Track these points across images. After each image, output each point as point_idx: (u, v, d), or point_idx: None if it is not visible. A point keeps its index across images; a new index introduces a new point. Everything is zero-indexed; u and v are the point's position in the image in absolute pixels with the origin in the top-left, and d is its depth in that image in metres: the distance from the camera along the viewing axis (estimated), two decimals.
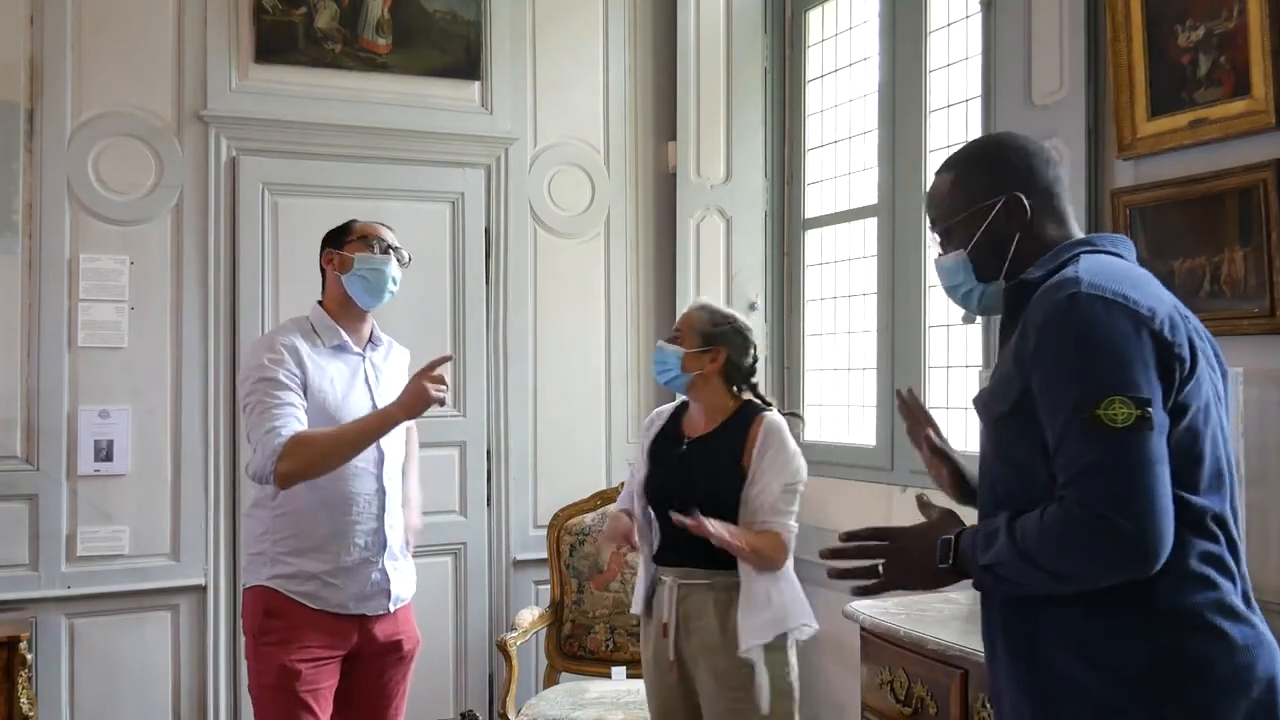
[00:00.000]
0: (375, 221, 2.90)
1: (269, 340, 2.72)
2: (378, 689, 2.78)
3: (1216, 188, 2.61)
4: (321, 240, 2.88)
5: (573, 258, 4.48)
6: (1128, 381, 1.51)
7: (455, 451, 4.30)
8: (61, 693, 3.70)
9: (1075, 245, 1.71)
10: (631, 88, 4.55)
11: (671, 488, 2.83)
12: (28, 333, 3.71)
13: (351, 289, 2.78)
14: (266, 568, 2.66)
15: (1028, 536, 1.55)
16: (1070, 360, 1.55)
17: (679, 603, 2.79)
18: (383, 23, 4.15)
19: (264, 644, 2.64)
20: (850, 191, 4.24)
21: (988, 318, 3.31)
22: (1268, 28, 2.52)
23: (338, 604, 2.67)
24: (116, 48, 3.83)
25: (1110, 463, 1.49)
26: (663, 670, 2.85)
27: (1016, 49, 3.22)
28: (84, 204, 3.78)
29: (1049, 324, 1.57)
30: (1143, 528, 1.47)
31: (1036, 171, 1.76)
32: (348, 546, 2.68)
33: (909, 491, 3.77)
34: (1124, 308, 1.55)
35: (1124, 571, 1.51)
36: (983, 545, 1.63)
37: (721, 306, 3.01)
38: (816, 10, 4.44)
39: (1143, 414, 1.49)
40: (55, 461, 3.72)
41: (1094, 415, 1.50)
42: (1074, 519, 1.50)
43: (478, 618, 4.28)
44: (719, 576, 2.76)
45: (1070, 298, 1.56)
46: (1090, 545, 1.50)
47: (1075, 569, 1.53)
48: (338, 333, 2.77)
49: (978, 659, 2.49)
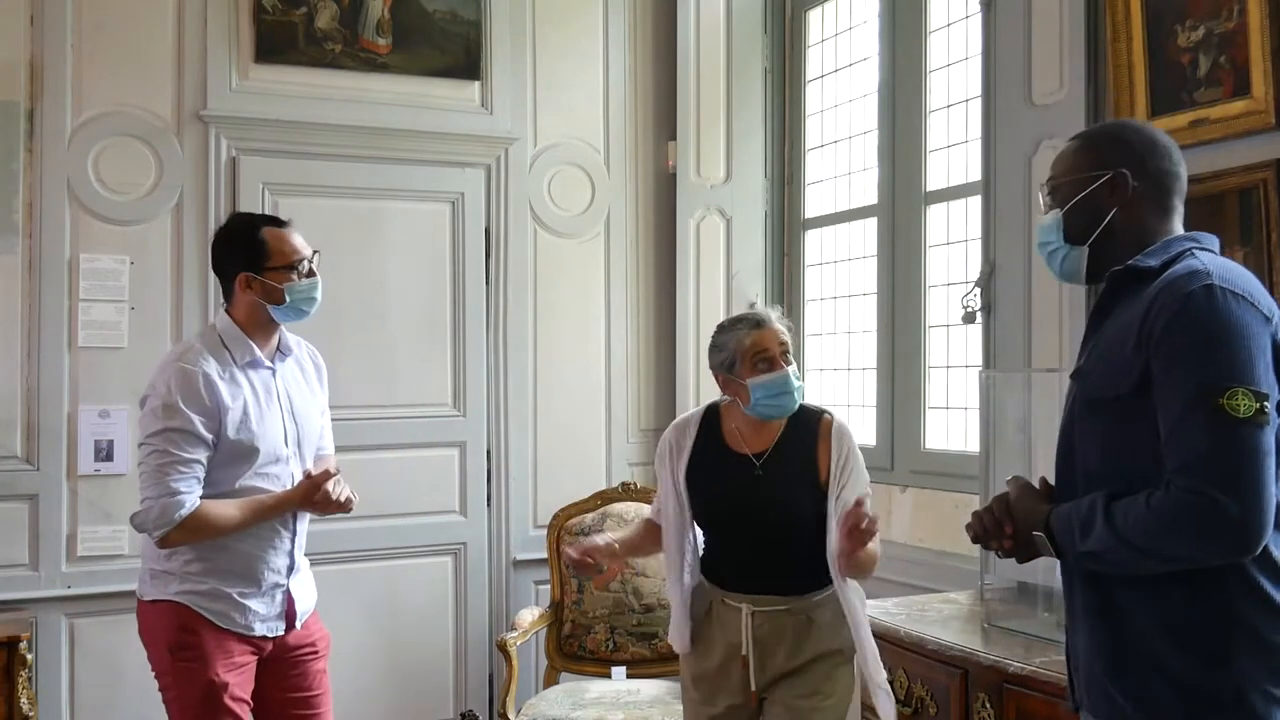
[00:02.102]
0: (283, 226, 2.70)
1: (181, 373, 2.54)
2: (303, 687, 2.73)
3: (1216, 188, 2.61)
4: (222, 245, 2.70)
5: (573, 258, 4.48)
6: (1252, 375, 1.57)
7: (455, 451, 4.29)
8: (61, 693, 3.70)
9: (1186, 240, 1.77)
10: (631, 88, 4.55)
11: (742, 515, 2.59)
12: (28, 333, 3.71)
13: (281, 316, 2.67)
14: (175, 584, 2.57)
15: (1131, 523, 1.61)
16: (1200, 349, 1.59)
17: (754, 630, 2.55)
18: (383, 23, 4.14)
19: (184, 660, 2.55)
20: (850, 191, 4.24)
21: (987, 318, 3.32)
22: (1268, 28, 2.52)
23: (244, 625, 2.60)
24: (116, 48, 3.83)
25: (1228, 450, 1.55)
26: (728, 692, 2.60)
27: (1016, 49, 3.22)
28: (84, 204, 3.78)
29: (1182, 312, 1.61)
30: (1250, 514, 1.54)
31: (1151, 161, 1.81)
32: (262, 572, 2.63)
33: (908, 491, 3.78)
34: (1251, 305, 1.61)
35: (1229, 554, 1.58)
36: (1080, 531, 1.68)
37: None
38: (816, 10, 4.44)
39: (1261, 407, 1.56)
40: (55, 461, 3.72)
41: (1218, 404, 1.55)
42: (1185, 503, 1.56)
43: (478, 618, 4.28)
44: (796, 601, 2.55)
45: (1206, 289, 1.61)
46: (1199, 527, 1.55)
47: (1182, 551, 1.59)
48: (250, 348, 2.64)
49: (978, 659, 2.49)
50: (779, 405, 2.55)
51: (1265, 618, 1.61)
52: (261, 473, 2.62)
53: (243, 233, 2.68)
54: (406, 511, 4.18)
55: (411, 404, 4.22)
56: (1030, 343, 3.17)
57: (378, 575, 4.15)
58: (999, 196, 3.29)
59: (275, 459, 2.65)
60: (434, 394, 4.26)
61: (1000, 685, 2.42)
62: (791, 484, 2.57)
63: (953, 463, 3.58)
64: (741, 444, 2.62)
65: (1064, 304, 3.05)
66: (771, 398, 2.54)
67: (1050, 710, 2.28)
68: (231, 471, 2.58)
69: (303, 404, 2.75)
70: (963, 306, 3.36)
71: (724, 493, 2.61)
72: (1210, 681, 1.61)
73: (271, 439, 2.64)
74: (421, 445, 4.24)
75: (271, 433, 2.64)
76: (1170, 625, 1.64)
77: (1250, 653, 1.60)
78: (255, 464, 2.61)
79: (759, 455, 2.60)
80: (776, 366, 2.53)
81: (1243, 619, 1.61)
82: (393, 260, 4.20)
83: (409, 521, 4.19)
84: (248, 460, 2.60)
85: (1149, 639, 1.66)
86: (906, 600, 3.06)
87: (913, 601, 3.03)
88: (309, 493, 2.62)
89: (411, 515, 4.20)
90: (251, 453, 2.60)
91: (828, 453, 2.58)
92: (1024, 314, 3.19)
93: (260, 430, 2.61)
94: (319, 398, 2.85)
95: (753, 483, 2.58)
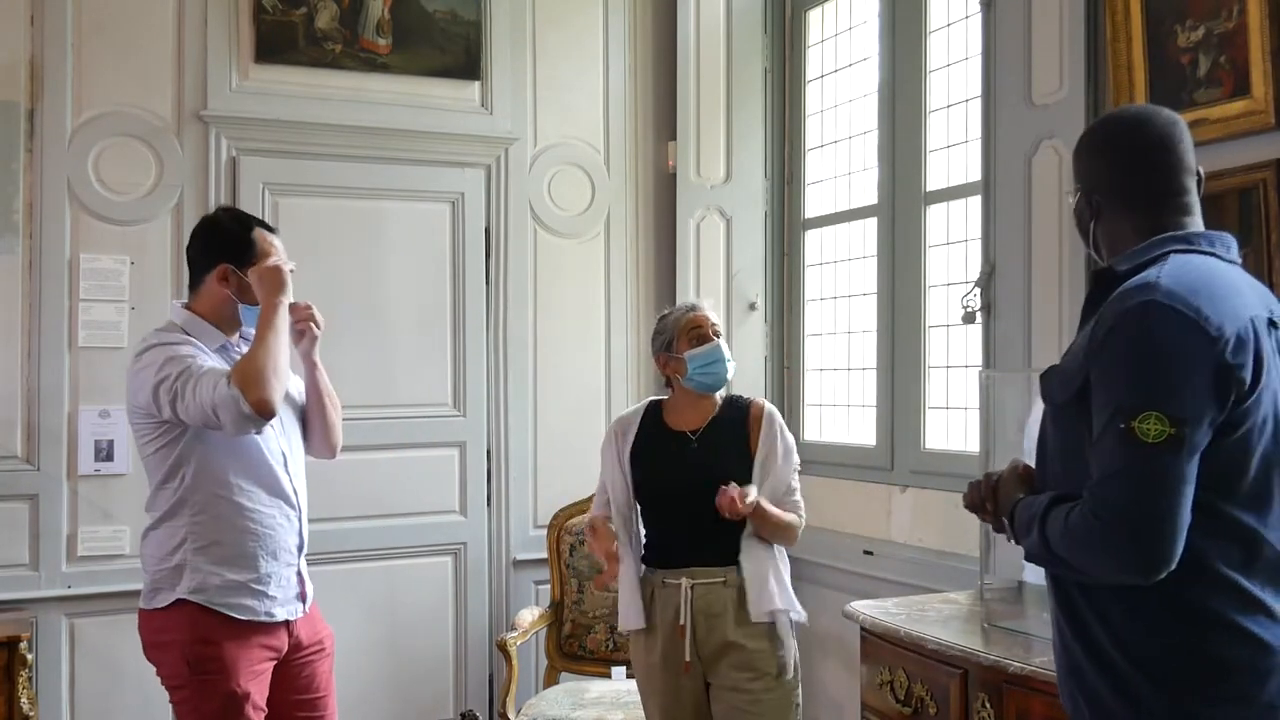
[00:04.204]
0: (273, 232, 2.69)
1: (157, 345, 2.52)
2: (310, 688, 2.71)
3: (1216, 188, 2.59)
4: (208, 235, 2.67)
5: (573, 258, 4.48)
6: (1169, 399, 1.53)
7: (455, 451, 4.30)
8: (61, 693, 3.70)
9: (1169, 241, 1.70)
10: (631, 88, 4.55)
11: (679, 484, 2.83)
12: (28, 333, 3.71)
13: (248, 317, 2.61)
14: (185, 579, 2.50)
15: (1054, 531, 1.62)
16: (1124, 366, 1.57)
17: (694, 602, 2.77)
18: (383, 23, 4.15)
19: (204, 674, 2.49)
20: (850, 191, 4.24)
21: (987, 318, 3.32)
22: (1267, 28, 2.52)
23: (265, 613, 2.57)
24: (116, 48, 3.83)
25: (1133, 474, 1.53)
26: (676, 672, 2.79)
27: (1016, 49, 3.22)
28: (84, 204, 3.78)
29: (1117, 325, 1.59)
30: (1148, 542, 1.52)
31: (1123, 162, 1.75)
32: (275, 551, 2.59)
33: (908, 491, 3.78)
34: (1194, 324, 1.55)
35: (1125, 577, 1.57)
36: (1023, 528, 1.71)
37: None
38: (816, 10, 4.44)
39: (1175, 433, 1.52)
40: (55, 461, 3.72)
41: (1129, 425, 1.53)
42: (1090, 523, 1.56)
43: (478, 618, 4.28)
44: (731, 572, 2.78)
45: (1143, 305, 1.57)
46: (1100, 547, 1.56)
47: (1088, 567, 1.61)
48: (218, 335, 2.61)
49: (978, 659, 2.49)
50: (713, 373, 2.87)
51: (1221, 638, 1.58)
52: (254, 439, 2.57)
53: (235, 228, 2.65)
54: (406, 511, 4.19)
55: (411, 404, 4.22)
56: (1030, 343, 3.17)
57: (378, 575, 4.15)
58: (999, 196, 3.29)
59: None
60: (434, 394, 4.26)
61: (1000, 685, 2.42)
62: (723, 456, 2.83)
63: (953, 463, 3.58)
64: (680, 423, 2.91)
65: (1064, 304, 3.06)
66: (705, 366, 2.86)
67: (1050, 710, 2.27)
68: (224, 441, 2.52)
69: None
70: (963, 306, 3.36)
71: (664, 466, 2.87)
72: (1162, 704, 1.59)
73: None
74: (421, 445, 4.24)
75: None
76: (1122, 639, 1.63)
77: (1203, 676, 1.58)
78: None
79: (694, 431, 2.89)
80: (709, 340, 2.86)
81: (1195, 641, 1.58)
82: (392, 260, 4.20)
83: (409, 521, 4.19)
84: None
85: (1104, 649, 1.65)
86: (906, 600, 3.06)
87: (913, 601, 3.03)
88: (264, 279, 2.53)
89: (411, 515, 4.20)
90: None
91: (758, 434, 2.85)
92: (1024, 314, 3.19)
93: None
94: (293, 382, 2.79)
95: (689, 454, 2.86)
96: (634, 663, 2.95)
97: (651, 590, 2.84)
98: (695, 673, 2.79)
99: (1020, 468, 1.84)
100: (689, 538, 2.81)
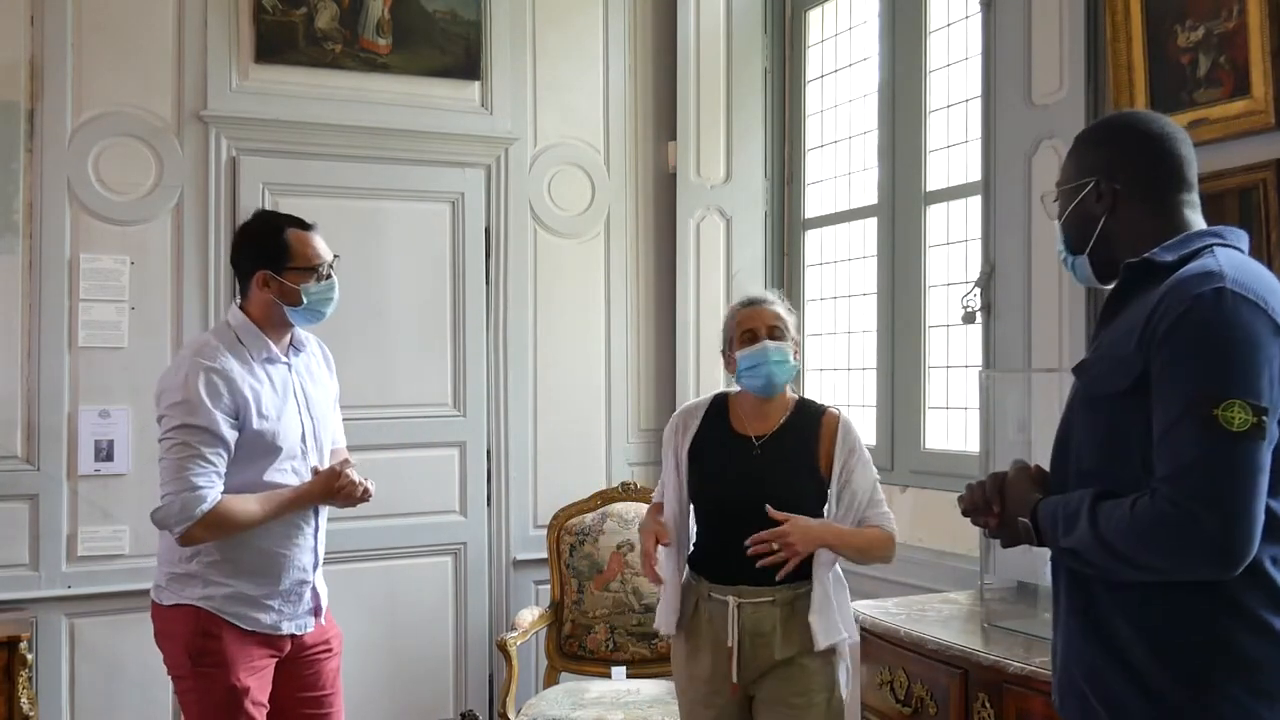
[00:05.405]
0: (308, 229, 2.71)
1: (201, 369, 2.52)
2: (317, 686, 2.73)
3: (1216, 188, 2.60)
4: (243, 242, 2.73)
5: (573, 258, 4.48)
6: (1253, 387, 1.50)
7: (455, 451, 4.29)
8: (61, 693, 3.70)
9: (1208, 235, 1.69)
10: (631, 88, 4.55)
11: (736, 495, 2.67)
12: (28, 333, 3.71)
13: (297, 318, 2.67)
14: (197, 588, 2.54)
15: (1113, 526, 1.56)
16: (1201, 355, 1.53)
17: (742, 623, 2.62)
18: (383, 23, 4.15)
19: (204, 665, 2.53)
20: (850, 191, 4.24)
21: (987, 318, 3.32)
22: (1267, 28, 2.52)
23: (270, 625, 2.59)
24: (116, 48, 3.83)
25: (1216, 463, 1.49)
26: (720, 691, 2.66)
27: (1016, 49, 3.22)
28: (84, 204, 3.78)
29: (1188, 314, 1.54)
30: (1232, 533, 1.48)
31: (1137, 159, 1.75)
32: (287, 569, 2.62)
33: (908, 491, 3.78)
34: (1265, 313, 1.54)
35: (1204, 571, 1.53)
36: (1064, 526, 1.64)
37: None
38: (816, 10, 4.44)
39: (1258, 421, 1.49)
40: (55, 461, 3.72)
41: (1213, 415, 1.49)
42: (1166, 515, 1.51)
43: (478, 618, 4.28)
44: (782, 591, 2.63)
45: (1217, 292, 1.54)
46: (1177, 541, 1.50)
47: (1158, 562, 1.54)
48: (266, 344, 2.64)
49: (978, 659, 2.49)
50: (757, 376, 2.69)
51: (1250, 635, 1.55)
52: (280, 468, 2.61)
53: (266, 232, 2.69)
54: (406, 511, 4.18)
55: (411, 404, 4.22)
56: (1030, 343, 3.17)
57: (378, 575, 4.15)
58: (999, 196, 3.29)
59: (293, 454, 2.64)
60: (434, 394, 4.26)
61: (1000, 685, 2.42)
62: (788, 466, 2.68)
63: (953, 463, 3.58)
64: (745, 426, 2.74)
65: (1064, 304, 3.06)
66: (750, 369, 2.69)
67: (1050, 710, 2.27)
68: (252, 468, 2.57)
69: (318, 399, 2.75)
70: (963, 306, 3.36)
71: (722, 470, 2.71)
72: (1187, 699, 1.56)
73: (290, 434, 2.63)
74: (421, 445, 4.24)
75: (290, 428, 2.64)
76: (1151, 636, 1.59)
77: (1231, 672, 1.55)
78: (275, 460, 2.60)
79: (760, 437, 2.71)
80: (757, 340, 2.68)
81: (1226, 636, 1.55)
82: (393, 260, 4.20)
83: (409, 521, 4.19)
84: (268, 456, 2.59)
85: (1128, 648, 1.61)
86: (906, 600, 3.06)
87: (913, 601, 3.03)
88: (329, 482, 2.62)
89: (411, 515, 4.20)
90: (272, 449, 2.59)
91: (830, 446, 2.70)
92: (1024, 314, 3.19)
93: (280, 426, 2.60)
94: (331, 389, 2.85)
95: (751, 461, 2.69)
96: (674, 662, 2.82)
97: (696, 600, 2.71)
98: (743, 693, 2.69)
99: (1031, 468, 1.80)
100: (741, 552, 2.59)
